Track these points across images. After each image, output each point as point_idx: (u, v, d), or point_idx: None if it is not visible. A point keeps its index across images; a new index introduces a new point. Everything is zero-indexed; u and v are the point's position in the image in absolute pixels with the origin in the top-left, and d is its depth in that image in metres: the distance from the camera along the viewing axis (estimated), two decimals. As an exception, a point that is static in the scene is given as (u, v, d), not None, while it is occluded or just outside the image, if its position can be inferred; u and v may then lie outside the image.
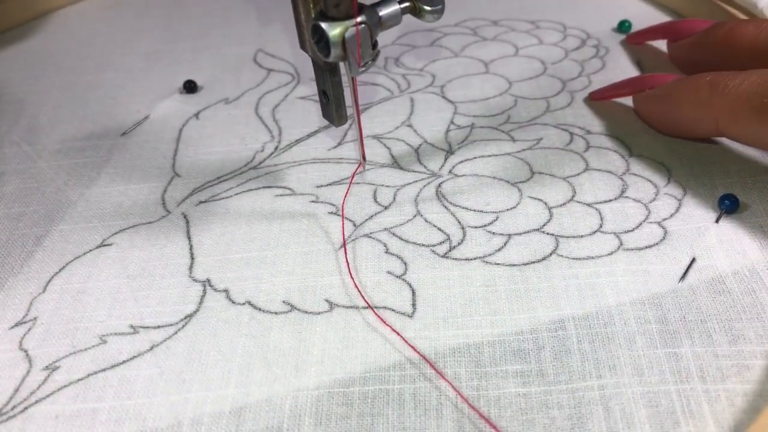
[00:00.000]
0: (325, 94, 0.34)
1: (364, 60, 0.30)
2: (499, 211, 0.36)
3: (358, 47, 0.29)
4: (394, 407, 0.28)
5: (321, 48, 0.30)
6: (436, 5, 0.31)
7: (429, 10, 0.31)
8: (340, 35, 0.29)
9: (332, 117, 0.35)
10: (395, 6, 0.31)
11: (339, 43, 0.29)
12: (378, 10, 0.30)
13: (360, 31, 0.29)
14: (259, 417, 0.28)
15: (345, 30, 0.29)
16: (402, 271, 0.33)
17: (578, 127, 0.41)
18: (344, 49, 0.29)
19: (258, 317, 0.32)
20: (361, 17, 0.29)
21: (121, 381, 0.30)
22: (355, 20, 0.29)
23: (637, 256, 0.33)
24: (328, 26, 0.29)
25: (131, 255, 0.35)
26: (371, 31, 0.30)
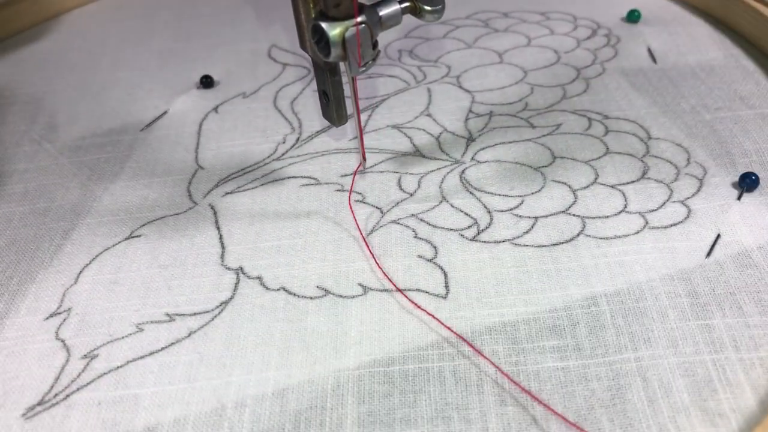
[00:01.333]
0: (325, 94, 0.34)
1: (364, 60, 0.30)
2: (524, 195, 0.37)
3: (359, 47, 0.29)
4: (435, 384, 0.28)
5: (321, 48, 0.30)
6: (436, 5, 0.31)
7: (429, 10, 0.31)
8: (341, 35, 0.29)
9: (332, 117, 0.34)
10: (395, 6, 0.30)
11: (339, 42, 0.29)
12: (378, 10, 0.30)
13: (360, 30, 0.29)
14: (302, 397, 0.28)
15: (345, 30, 0.29)
16: (433, 255, 0.34)
17: (596, 113, 0.42)
18: (344, 48, 0.29)
19: (293, 302, 0.32)
20: (361, 17, 0.29)
21: (161, 367, 0.30)
22: (355, 20, 0.29)
23: (663, 234, 0.33)
24: (328, 26, 0.29)
25: (161, 245, 0.36)
26: (371, 30, 0.29)
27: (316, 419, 0.28)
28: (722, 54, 0.46)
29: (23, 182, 0.41)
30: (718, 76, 0.44)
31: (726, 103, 0.41)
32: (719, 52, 0.46)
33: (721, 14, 0.48)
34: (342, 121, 0.35)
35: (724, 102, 0.41)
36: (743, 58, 0.45)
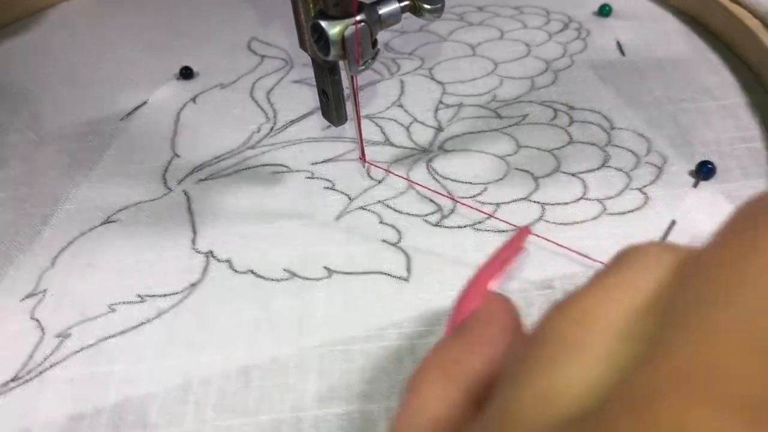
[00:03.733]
0: (324, 94, 0.34)
1: (363, 59, 0.30)
2: (487, 182, 0.38)
3: (358, 46, 0.29)
4: (393, 362, 0.30)
5: (321, 47, 0.30)
6: (436, 4, 0.31)
7: (429, 9, 0.31)
8: (340, 34, 0.29)
9: (332, 116, 0.35)
10: (395, 4, 0.30)
11: (338, 41, 0.29)
12: (378, 9, 0.30)
13: (359, 29, 0.29)
14: (266, 374, 0.29)
15: (345, 28, 0.29)
16: (397, 240, 0.35)
17: (561, 104, 0.43)
18: (344, 47, 0.29)
19: (261, 284, 0.33)
20: (360, 16, 0.29)
21: (131, 346, 0.31)
22: (354, 19, 0.29)
23: (620, 220, 0.35)
24: (327, 25, 0.29)
25: (136, 230, 0.37)
26: (371, 29, 0.29)
27: (279, 395, 0.29)
28: (689, 48, 0.47)
29: (5, 169, 0.42)
30: (683, 69, 0.45)
31: (689, 95, 0.42)
32: (686, 46, 0.47)
33: (690, 10, 0.49)
34: (341, 120, 0.35)
35: (688, 94, 0.43)
36: (709, 52, 0.46)
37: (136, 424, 0.28)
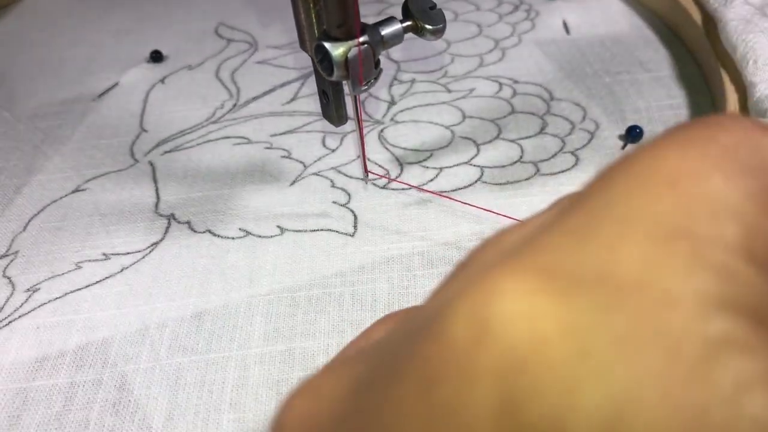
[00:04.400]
0: (325, 95, 0.34)
1: (366, 79, 0.30)
2: (433, 149, 0.40)
3: (360, 67, 0.29)
4: (335, 305, 0.32)
5: (324, 67, 0.30)
6: (437, 24, 0.31)
7: (430, 29, 0.31)
8: (343, 55, 0.29)
9: (332, 117, 0.35)
10: (397, 25, 0.30)
11: (342, 63, 0.29)
12: (380, 30, 0.30)
13: (362, 51, 0.29)
14: (217, 318, 0.32)
15: (348, 50, 0.29)
16: (346, 201, 0.38)
17: (507, 78, 0.45)
18: (347, 68, 0.29)
19: (217, 242, 0.36)
20: (363, 37, 0.29)
21: (94, 297, 0.34)
22: (357, 40, 0.29)
23: (551, 180, 0.37)
24: (331, 46, 0.28)
25: (103, 197, 0.39)
26: (373, 50, 0.29)
27: (227, 335, 0.31)
28: (629, 26, 0.50)
29: (-19, 146, 0.44)
30: (622, 45, 0.47)
31: (626, 68, 0.45)
32: (627, 24, 0.50)
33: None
34: (342, 121, 0.35)
35: (625, 67, 0.45)
36: (646, 29, 0.49)
37: (95, 363, 0.31)
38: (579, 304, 0.09)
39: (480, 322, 0.10)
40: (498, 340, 0.09)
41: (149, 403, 0.29)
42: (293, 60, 0.50)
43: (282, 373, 0.29)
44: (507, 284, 0.10)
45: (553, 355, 0.09)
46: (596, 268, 0.10)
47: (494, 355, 0.09)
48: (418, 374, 0.10)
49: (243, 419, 0.28)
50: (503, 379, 0.09)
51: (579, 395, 0.09)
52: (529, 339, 0.09)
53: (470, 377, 0.09)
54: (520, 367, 0.09)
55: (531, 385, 0.09)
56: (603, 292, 0.09)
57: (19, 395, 0.29)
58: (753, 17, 0.39)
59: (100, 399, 0.29)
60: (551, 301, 0.10)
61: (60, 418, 0.28)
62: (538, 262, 0.10)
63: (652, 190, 0.10)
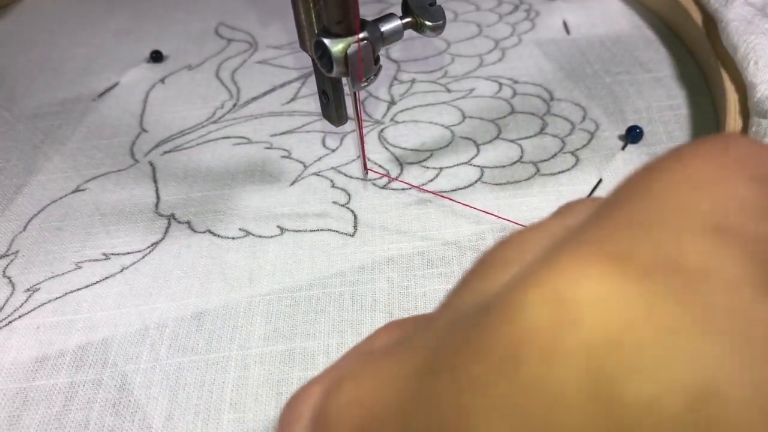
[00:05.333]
0: (325, 94, 0.34)
1: (366, 76, 0.30)
2: (433, 149, 0.40)
3: (360, 63, 0.29)
4: (335, 305, 0.32)
5: (324, 64, 0.29)
6: (437, 20, 0.31)
7: (430, 26, 0.31)
8: (343, 51, 0.28)
9: (332, 117, 0.35)
10: (397, 22, 0.30)
11: (341, 59, 0.29)
12: (380, 26, 0.30)
13: (362, 47, 0.29)
14: (217, 318, 0.32)
15: (347, 46, 0.28)
16: (346, 201, 0.38)
17: (507, 78, 0.45)
18: (347, 65, 0.29)
19: (217, 242, 0.36)
20: (363, 33, 0.29)
21: (94, 297, 0.34)
22: (357, 36, 0.29)
23: (551, 180, 0.37)
24: (330, 42, 0.28)
25: (103, 197, 0.39)
26: (373, 47, 0.29)
27: (228, 335, 0.31)
28: (629, 26, 0.50)
29: (-19, 146, 0.44)
30: (622, 45, 0.48)
31: (626, 68, 0.45)
32: (627, 24, 0.50)
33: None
34: (342, 121, 0.35)
35: (625, 67, 0.45)
36: (646, 29, 0.49)
37: (95, 363, 0.31)
38: (656, 287, 0.10)
39: (562, 304, 0.10)
40: (584, 321, 0.10)
41: (149, 403, 0.29)
42: (293, 60, 0.50)
43: (282, 373, 0.29)
44: (584, 269, 0.11)
45: (642, 334, 0.10)
46: (663, 257, 0.11)
47: (582, 335, 0.10)
48: (496, 355, 0.11)
49: (243, 419, 0.28)
50: (593, 358, 0.10)
51: (673, 370, 0.09)
52: (617, 319, 0.10)
53: (556, 356, 0.10)
54: (612, 346, 0.10)
55: (624, 362, 0.10)
56: (675, 278, 0.10)
57: (19, 395, 0.29)
58: (754, 18, 0.39)
59: (100, 399, 0.29)
60: (630, 285, 0.10)
61: (60, 418, 0.28)
62: (607, 250, 0.11)
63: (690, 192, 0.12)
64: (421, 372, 0.12)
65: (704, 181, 0.12)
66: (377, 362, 0.14)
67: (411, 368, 0.13)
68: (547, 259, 0.11)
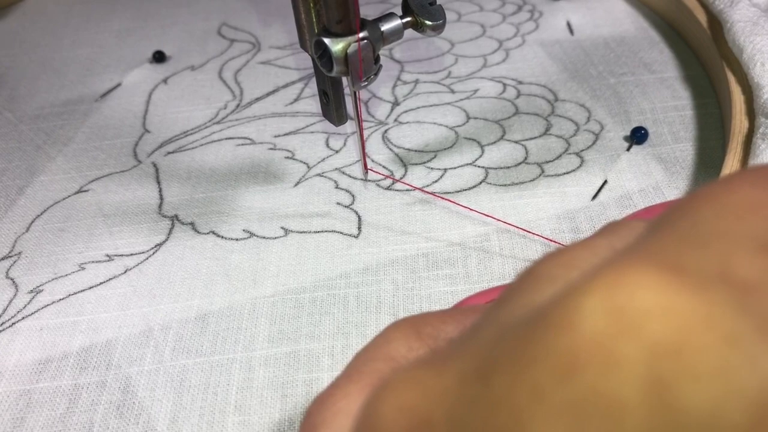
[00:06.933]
0: (325, 94, 0.34)
1: (366, 75, 0.30)
2: (437, 150, 0.40)
3: (360, 63, 0.29)
4: (339, 307, 0.32)
5: (324, 63, 0.29)
6: (438, 20, 0.31)
7: (430, 25, 0.31)
8: (343, 51, 0.28)
9: (332, 117, 0.35)
10: (397, 21, 0.30)
11: (342, 58, 0.29)
12: (380, 26, 0.30)
13: (362, 47, 0.29)
14: (221, 320, 0.32)
15: (347, 46, 0.28)
16: (350, 202, 0.38)
17: (511, 79, 0.45)
18: (347, 64, 0.29)
19: (220, 243, 0.36)
20: (363, 33, 0.29)
21: (98, 298, 0.34)
22: (357, 36, 0.28)
23: (556, 181, 0.37)
24: (331, 42, 0.28)
25: (106, 198, 0.39)
26: (373, 46, 0.29)
27: (232, 337, 0.31)
28: (634, 27, 0.49)
29: (-16, 147, 0.44)
30: (627, 46, 0.47)
31: (630, 69, 0.45)
32: (631, 25, 0.50)
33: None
34: (342, 120, 0.35)
35: (629, 68, 0.45)
36: (651, 30, 0.49)
37: (99, 365, 0.30)
38: (713, 297, 0.11)
39: (621, 312, 0.11)
40: (644, 329, 0.10)
41: (153, 405, 0.29)
42: (296, 61, 0.49)
43: (287, 375, 0.29)
44: (642, 279, 0.11)
45: (703, 341, 0.10)
46: (717, 271, 0.11)
47: (642, 342, 0.10)
48: (555, 362, 0.11)
49: (248, 422, 0.28)
50: (654, 365, 0.10)
51: (735, 377, 0.10)
52: (677, 328, 0.10)
53: (616, 363, 0.10)
54: (672, 353, 0.10)
55: (685, 369, 0.10)
56: (731, 290, 0.11)
57: (23, 397, 0.29)
58: (759, 19, 0.39)
59: (104, 401, 0.29)
60: (688, 295, 0.11)
61: (64, 420, 0.28)
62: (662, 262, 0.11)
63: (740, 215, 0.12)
64: (472, 378, 0.13)
65: (753, 205, 0.12)
66: (423, 369, 0.14)
67: (460, 375, 0.13)
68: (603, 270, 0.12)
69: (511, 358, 0.12)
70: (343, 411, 0.16)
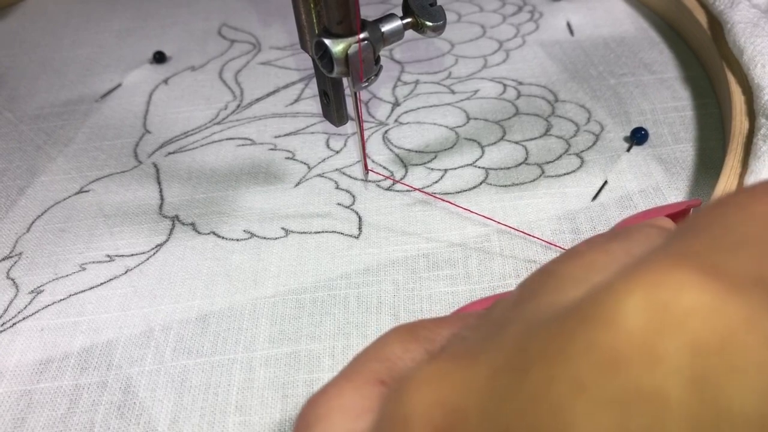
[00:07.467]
0: (325, 94, 0.34)
1: (366, 76, 0.30)
2: (437, 151, 0.40)
3: (361, 64, 0.29)
4: (340, 308, 0.32)
5: (324, 64, 0.29)
6: (438, 21, 0.31)
7: (431, 26, 0.31)
8: (343, 52, 0.28)
9: (332, 117, 0.35)
10: (397, 22, 0.30)
11: (342, 59, 0.29)
12: (380, 26, 0.30)
13: (363, 47, 0.29)
14: (222, 321, 0.32)
15: (348, 47, 0.28)
16: (350, 202, 0.38)
17: (511, 80, 0.45)
18: (347, 65, 0.29)
19: (221, 244, 0.36)
20: (364, 34, 0.29)
21: (98, 299, 0.34)
22: (357, 37, 0.28)
23: (557, 182, 0.37)
24: (331, 43, 0.28)
25: (107, 199, 0.39)
26: (374, 47, 0.29)
27: (233, 338, 0.31)
28: (634, 27, 0.49)
29: (-16, 147, 0.44)
30: (627, 46, 0.47)
31: (630, 70, 0.45)
32: (631, 25, 0.50)
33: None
34: (342, 121, 0.35)
35: (629, 69, 0.45)
36: (651, 30, 0.49)
37: (100, 365, 0.30)
38: (751, 299, 0.11)
39: (665, 310, 0.11)
40: (687, 326, 0.11)
41: (154, 406, 0.29)
42: (296, 61, 0.50)
43: (288, 375, 0.29)
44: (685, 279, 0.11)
45: (746, 340, 0.10)
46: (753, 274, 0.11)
47: (685, 339, 0.11)
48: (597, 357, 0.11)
49: (249, 422, 0.28)
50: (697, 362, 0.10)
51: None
52: (720, 326, 0.11)
53: (660, 359, 0.11)
54: (716, 351, 0.10)
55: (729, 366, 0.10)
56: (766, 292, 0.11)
57: (24, 397, 0.29)
58: (759, 21, 0.39)
59: (105, 401, 0.29)
60: (729, 296, 0.11)
61: (65, 421, 0.28)
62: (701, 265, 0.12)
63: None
64: (505, 371, 0.13)
65: None
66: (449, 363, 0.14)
67: (492, 368, 0.13)
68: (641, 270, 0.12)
69: (549, 352, 0.12)
70: (336, 408, 0.16)
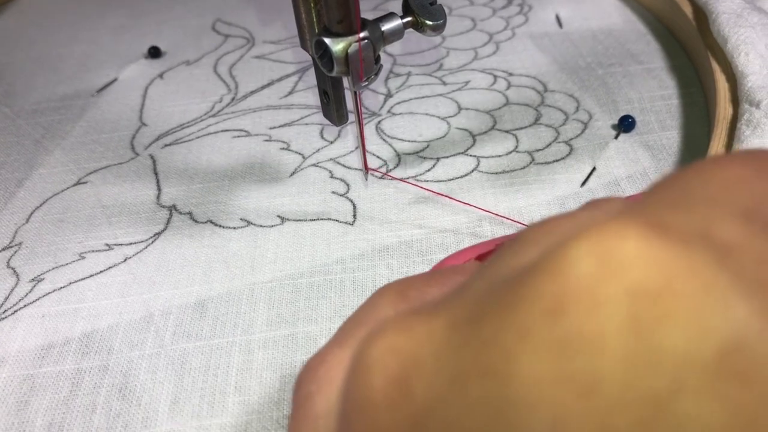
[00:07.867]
0: (325, 94, 0.34)
1: (366, 75, 0.30)
2: (429, 140, 0.41)
3: (361, 63, 0.29)
4: (336, 291, 0.33)
5: (324, 63, 0.29)
6: (438, 20, 0.31)
7: (431, 25, 0.31)
8: (344, 51, 0.28)
9: (332, 117, 0.35)
10: (397, 21, 0.30)
11: (342, 58, 0.29)
12: (381, 26, 0.30)
13: (363, 46, 0.29)
14: (220, 305, 0.33)
15: (348, 46, 0.28)
16: (345, 191, 0.38)
17: (501, 71, 0.46)
18: (347, 64, 0.29)
19: (218, 232, 0.36)
20: (364, 33, 0.29)
21: (98, 286, 0.34)
22: (358, 36, 0.29)
23: (546, 168, 0.38)
24: (331, 42, 0.28)
25: (105, 189, 0.40)
26: (374, 46, 0.29)
27: (231, 321, 0.32)
28: (622, 20, 0.50)
29: (-18, 141, 0.45)
30: (614, 38, 0.48)
31: (618, 60, 0.46)
32: (619, 17, 0.51)
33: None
34: (342, 120, 0.35)
35: (617, 59, 0.46)
36: (638, 22, 0.50)
37: (101, 350, 0.31)
38: (694, 251, 0.11)
39: (608, 257, 0.11)
40: (628, 273, 0.11)
41: (155, 388, 0.29)
42: (290, 55, 0.50)
43: (285, 356, 0.30)
44: (628, 231, 0.12)
45: (682, 288, 0.11)
46: (699, 231, 0.12)
47: (624, 285, 0.11)
48: (543, 303, 0.12)
49: (248, 401, 0.28)
50: (635, 306, 0.11)
51: (709, 322, 0.10)
52: (659, 274, 0.11)
53: (600, 303, 0.11)
54: (653, 296, 0.11)
55: (664, 311, 0.11)
56: (710, 246, 0.12)
57: (27, 381, 0.30)
58: (743, 12, 0.40)
59: (106, 384, 0.30)
60: (670, 247, 0.11)
61: (67, 403, 0.29)
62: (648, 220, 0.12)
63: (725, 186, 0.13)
64: (462, 323, 0.13)
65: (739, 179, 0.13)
66: (411, 318, 0.15)
67: (450, 320, 0.14)
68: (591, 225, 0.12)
69: (500, 303, 0.13)
70: (336, 378, 0.17)
